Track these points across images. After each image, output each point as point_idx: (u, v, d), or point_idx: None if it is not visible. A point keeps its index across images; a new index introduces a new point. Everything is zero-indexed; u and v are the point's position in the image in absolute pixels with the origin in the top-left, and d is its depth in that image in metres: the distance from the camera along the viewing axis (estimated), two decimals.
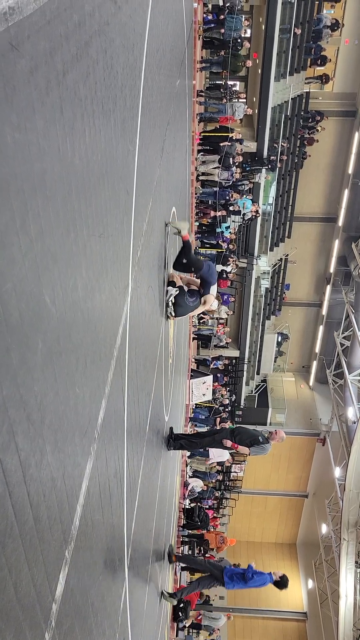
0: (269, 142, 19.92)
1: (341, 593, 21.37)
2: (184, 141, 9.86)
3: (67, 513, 2.01)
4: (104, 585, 2.83)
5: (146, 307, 4.54)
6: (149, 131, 4.25)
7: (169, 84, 6.11)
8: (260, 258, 23.07)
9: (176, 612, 11.51)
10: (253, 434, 7.92)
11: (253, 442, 7.83)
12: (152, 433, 5.38)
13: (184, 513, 15.37)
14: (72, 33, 1.90)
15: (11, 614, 1.47)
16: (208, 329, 21.29)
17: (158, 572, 7.31)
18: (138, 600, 4.73)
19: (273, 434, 7.91)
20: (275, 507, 29.58)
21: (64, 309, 1.89)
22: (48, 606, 1.80)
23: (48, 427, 1.74)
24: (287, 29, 18.71)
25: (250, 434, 7.93)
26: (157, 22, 4.60)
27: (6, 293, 1.38)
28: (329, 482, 24.64)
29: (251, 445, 7.84)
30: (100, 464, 2.58)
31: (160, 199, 5.51)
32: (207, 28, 14.96)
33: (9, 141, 1.37)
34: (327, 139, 23.63)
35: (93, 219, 2.30)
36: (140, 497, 4.34)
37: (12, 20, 1.37)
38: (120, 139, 2.88)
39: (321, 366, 28.28)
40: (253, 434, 7.91)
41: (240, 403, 26.04)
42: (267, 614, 27.47)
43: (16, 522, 1.48)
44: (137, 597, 4.59)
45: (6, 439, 1.40)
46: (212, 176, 16.54)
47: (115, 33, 2.70)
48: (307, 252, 26.78)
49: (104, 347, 2.63)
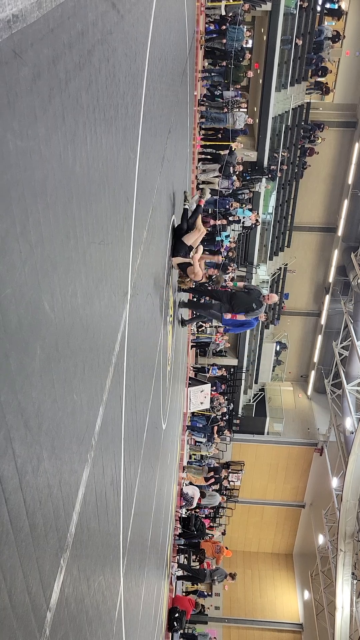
0: (270, 151, 20.02)
1: (337, 604, 21.24)
2: (184, 150, 9.90)
3: (63, 520, 2.00)
4: (99, 593, 2.81)
5: (145, 315, 4.54)
6: (150, 139, 4.27)
7: (170, 92, 6.14)
8: (259, 267, 23.12)
9: (171, 622, 11.43)
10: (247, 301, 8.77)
11: (248, 310, 8.76)
12: (149, 441, 5.36)
13: (180, 522, 15.30)
14: (75, 41, 1.91)
15: (5, 622, 1.46)
16: (207, 337, 21.28)
17: (154, 581, 7.27)
18: (133, 609, 4.70)
19: (265, 297, 8.74)
20: (272, 517, 29.44)
21: (63, 315, 1.89)
22: (42, 614, 1.79)
23: (45, 433, 1.73)
24: (289, 40, 18.85)
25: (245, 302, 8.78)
26: (160, 31, 4.63)
27: (5, 299, 1.38)
28: (326, 492, 24.56)
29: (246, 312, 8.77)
30: (97, 472, 2.57)
31: (160, 207, 5.52)
32: (209, 38, 15.05)
33: (10, 148, 1.38)
34: (327, 150, 23.74)
35: (93, 226, 2.31)
36: (136, 505, 4.32)
37: (15, 28, 1.38)
38: (121, 146, 2.89)
39: (319, 376, 28.25)
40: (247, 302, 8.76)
41: (238, 412, 25.99)
42: (263, 625, 27.28)
43: (12, 529, 1.47)
44: (132, 606, 4.56)
45: (3, 445, 1.40)
46: (213, 185, 16.60)
47: (118, 42, 2.71)
48: (307, 261, 26.83)
49: (102, 354, 2.63)
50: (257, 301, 8.75)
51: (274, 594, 28.75)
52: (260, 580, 29.16)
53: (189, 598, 14.17)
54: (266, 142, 19.67)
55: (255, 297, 8.80)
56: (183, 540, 15.18)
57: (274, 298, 8.88)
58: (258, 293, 8.92)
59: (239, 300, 8.84)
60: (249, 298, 8.81)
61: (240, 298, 8.89)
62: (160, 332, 6.35)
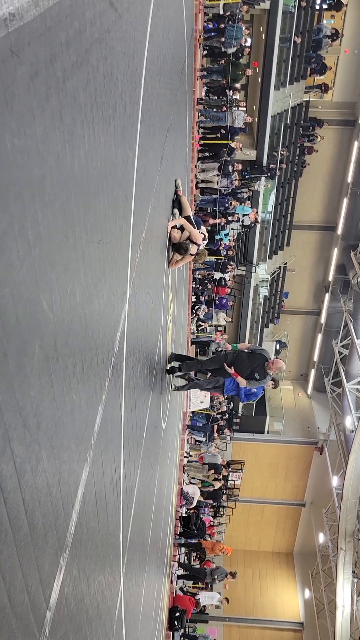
0: (269, 150, 20.02)
1: (338, 603, 21.25)
2: (183, 148, 9.90)
3: (62, 520, 2.00)
4: (99, 593, 2.81)
5: (144, 314, 4.54)
6: (149, 138, 4.26)
7: (169, 91, 6.13)
8: (259, 266, 23.12)
9: (172, 621, 11.44)
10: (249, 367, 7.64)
11: (249, 377, 7.65)
12: (149, 440, 5.37)
13: (181, 521, 15.32)
14: (72, 40, 1.91)
15: (4, 622, 1.46)
16: (206, 336, 21.28)
17: (154, 580, 7.28)
18: (133, 609, 4.70)
19: (269, 363, 7.62)
20: (273, 516, 29.45)
21: (62, 314, 1.89)
22: (42, 614, 1.79)
23: (44, 433, 1.73)
24: (287, 38, 18.85)
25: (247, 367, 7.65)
26: (158, 30, 4.62)
27: (4, 298, 1.38)
28: (327, 491, 24.57)
29: (247, 379, 7.67)
30: (96, 471, 2.57)
31: (159, 205, 5.52)
32: (208, 37, 15.04)
33: (8, 147, 1.38)
34: (327, 148, 23.73)
35: (92, 225, 2.30)
36: (136, 505, 4.32)
37: (12, 27, 1.38)
38: (119, 145, 2.89)
39: (319, 374, 28.25)
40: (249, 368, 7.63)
41: (238, 411, 25.99)
42: (264, 624, 27.30)
43: (11, 528, 1.47)
44: (132, 606, 4.57)
45: (2, 444, 1.39)
46: (212, 183, 16.60)
47: (116, 40, 2.71)
48: (306, 260, 26.82)
49: (101, 353, 2.62)
50: (261, 370, 7.60)
51: (274, 592, 28.78)
52: (261, 579, 29.18)
53: (189, 597, 14.19)
54: (265, 140, 19.67)
55: (260, 363, 7.64)
56: (183, 539, 15.20)
57: (279, 364, 7.64)
58: (263, 358, 7.68)
59: (240, 364, 7.70)
60: (252, 363, 7.66)
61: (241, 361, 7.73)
62: (160, 330, 6.35)
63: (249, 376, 7.64)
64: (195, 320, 19.74)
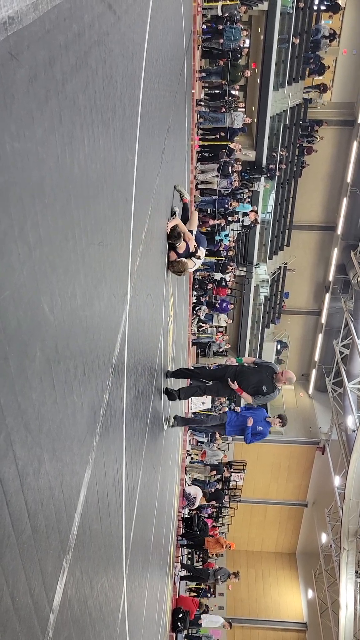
0: (268, 150, 20.03)
1: (341, 603, 21.23)
2: (182, 150, 9.90)
3: (65, 522, 2.00)
4: (102, 595, 2.81)
5: (145, 315, 4.54)
6: (148, 140, 4.27)
7: (168, 93, 6.14)
8: (259, 266, 23.12)
9: (175, 622, 11.43)
10: (256, 380, 7.21)
11: (257, 392, 7.22)
12: (151, 441, 5.36)
13: (183, 522, 15.31)
14: (71, 43, 1.91)
15: (8, 625, 1.46)
16: (207, 336, 21.28)
17: (157, 581, 7.27)
18: (136, 611, 4.70)
19: (278, 375, 7.20)
20: (275, 516, 29.44)
21: (63, 316, 1.89)
22: (45, 616, 1.79)
23: (46, 435, 1.73)
24: (286, 39, 18.87)
25: (253, 381, 7.22)
26: (157, 32, 4.63)
27: (4, 301, 1.38)
28: (329, 491, 24.55)
29: (254, 395, 7.24)
30: (98, 473, 2.57)
31: (159, 207, 5.52)
32: (206, 38, 15.06)
33: (7, 150, 1.38)
34: (326, 148, 23.74)
35: (92, 227, 2.31)
36: (138, 506, 4.32)
37: (11, 30, 1.38)
38: (119, 147, 2.89)
39: (320, 374, 28.24)
40: (256, 381, 7.20)
41: None
42: (267, 624, 27.28)
43: (13, 531, 1.47)
44: (135, 607, 4.56)
45: (4, 447, 1.39)
46: (212, 184, 16.60)
47: (115, 43, 2.71)
48: (306, 260, 26.82)
49: (102, 355, 2.63)
50: (269, 382, 7.17)
51: (277, 593, 28.76)
52: (264, 579, 29.16)
53: (192, 598, 14.18)
54: (264, 141, 19.68)
55: (267, 375, 7.23)
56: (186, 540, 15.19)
57: (289, 374, 7.19)
58: (271, 370, 7.30)
59: (246, 378, 7.27)
60: (259, 376, 7.24)
61: (247, 375, 7.32)
62: (161, 332, 6.35)
63: (255, 391, 7.22)
64: (196, 321, 19.75)
